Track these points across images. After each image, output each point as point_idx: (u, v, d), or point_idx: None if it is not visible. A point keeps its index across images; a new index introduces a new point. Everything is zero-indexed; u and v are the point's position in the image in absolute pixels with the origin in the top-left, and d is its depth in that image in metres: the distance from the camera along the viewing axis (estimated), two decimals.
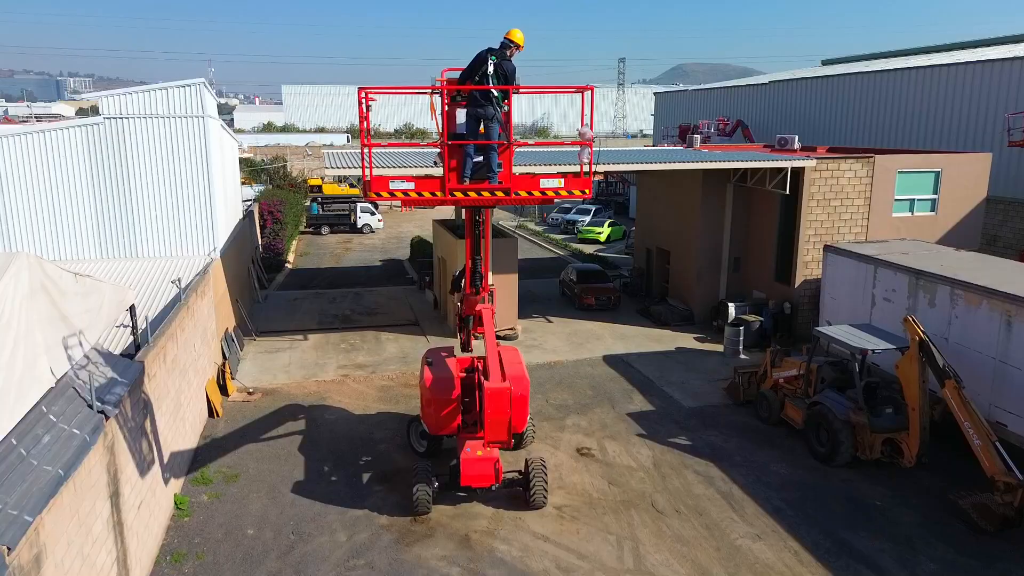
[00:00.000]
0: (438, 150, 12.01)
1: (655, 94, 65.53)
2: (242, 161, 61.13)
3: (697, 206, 25.60)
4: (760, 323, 23.01)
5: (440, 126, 11.36)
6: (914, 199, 23.79)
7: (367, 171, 11.30)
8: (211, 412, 17.49)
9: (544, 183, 11.56)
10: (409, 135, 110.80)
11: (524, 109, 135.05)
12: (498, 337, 21.56)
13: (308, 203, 50.78)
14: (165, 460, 12.75)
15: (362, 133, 11.33)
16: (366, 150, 11.32)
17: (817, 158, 23.14)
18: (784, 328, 23.01)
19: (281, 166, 57.02)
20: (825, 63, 54.17)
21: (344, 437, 16.58)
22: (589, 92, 11.28)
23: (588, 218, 45.78)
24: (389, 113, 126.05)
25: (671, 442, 16.44)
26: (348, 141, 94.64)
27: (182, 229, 20.28)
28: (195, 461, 15.21)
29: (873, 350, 14.66)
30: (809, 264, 23.16)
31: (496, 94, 11.05)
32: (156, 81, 19.90)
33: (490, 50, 11.20)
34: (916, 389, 14.05)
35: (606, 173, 44.34)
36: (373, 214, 49.18)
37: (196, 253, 20.39)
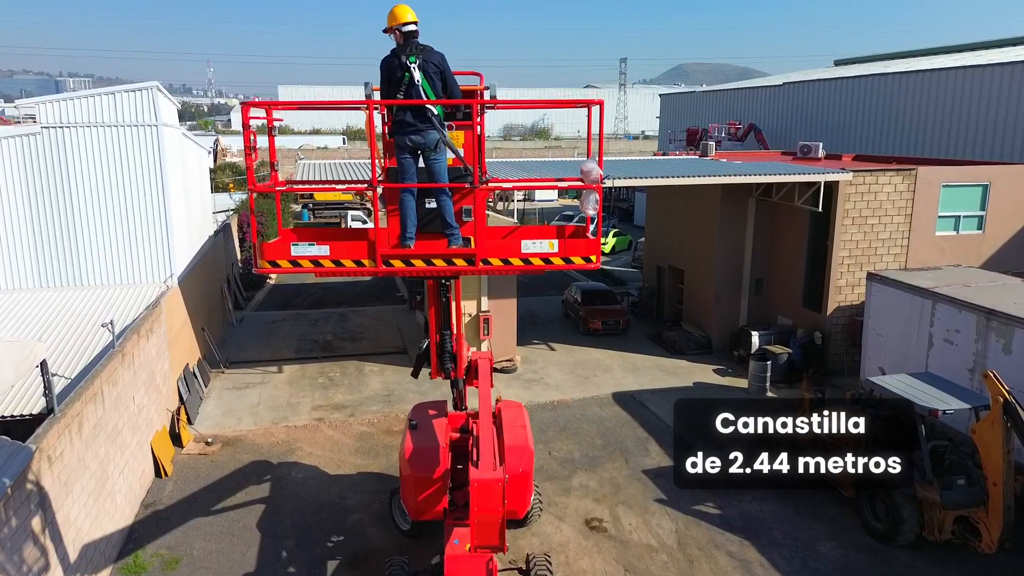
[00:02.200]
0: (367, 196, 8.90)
1: (660, 96, 62.93)
2: (228, 167, 58.71)
3: (715, 221, 23.11)
4: (788, 355, 20.50)
5: (379, 158, 8.01)
6: (959, 216, 21.28)
7: (266, 224, 8.37)
8: (159, 471, 15.02)
9: (528, 246, 8.07)
10: None
11: (524, 109, 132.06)
12: (495, 370, 19.16)
13: (300, 209, 48.57)
14: (75, 559, 10.27)
15: (250, 171, 7.97)
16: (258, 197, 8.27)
17: (852, 171, 20.62)
18: (815, 361, 20.50)
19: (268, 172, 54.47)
20: (838, 63, 51.64)
21: (312, 504, 14.11)
22: (597, 107, 7.89)
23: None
24: None
25: (696, 511, 13.94)
26: (344, 143, 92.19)
27: (134, 253, 17.81)
28: (130, 540, 12.72)
29: (944, 411, 12.17)
30: (843, 289, 20.66)
31: (436, 111, 7.74)
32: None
33: (395, 51, 7.75)
34: (999, 460, 11.56)
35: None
36: (365, 222, 46.76)
37: (150, 280, 17.94)
